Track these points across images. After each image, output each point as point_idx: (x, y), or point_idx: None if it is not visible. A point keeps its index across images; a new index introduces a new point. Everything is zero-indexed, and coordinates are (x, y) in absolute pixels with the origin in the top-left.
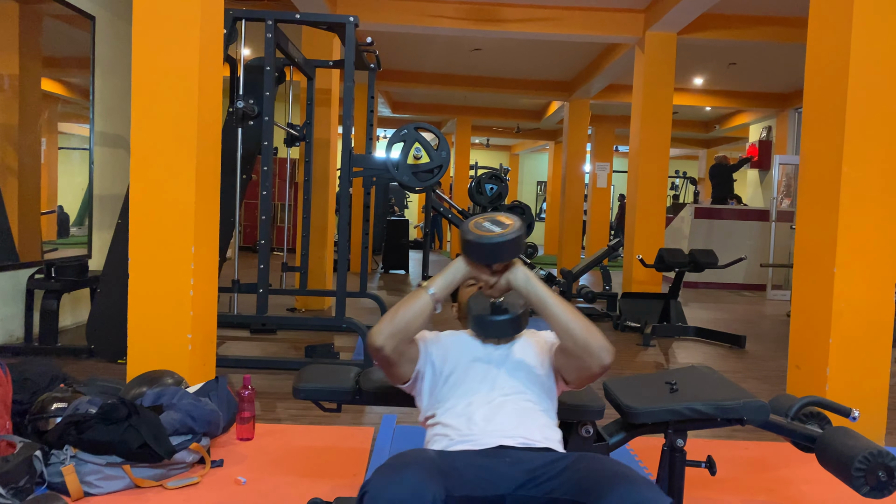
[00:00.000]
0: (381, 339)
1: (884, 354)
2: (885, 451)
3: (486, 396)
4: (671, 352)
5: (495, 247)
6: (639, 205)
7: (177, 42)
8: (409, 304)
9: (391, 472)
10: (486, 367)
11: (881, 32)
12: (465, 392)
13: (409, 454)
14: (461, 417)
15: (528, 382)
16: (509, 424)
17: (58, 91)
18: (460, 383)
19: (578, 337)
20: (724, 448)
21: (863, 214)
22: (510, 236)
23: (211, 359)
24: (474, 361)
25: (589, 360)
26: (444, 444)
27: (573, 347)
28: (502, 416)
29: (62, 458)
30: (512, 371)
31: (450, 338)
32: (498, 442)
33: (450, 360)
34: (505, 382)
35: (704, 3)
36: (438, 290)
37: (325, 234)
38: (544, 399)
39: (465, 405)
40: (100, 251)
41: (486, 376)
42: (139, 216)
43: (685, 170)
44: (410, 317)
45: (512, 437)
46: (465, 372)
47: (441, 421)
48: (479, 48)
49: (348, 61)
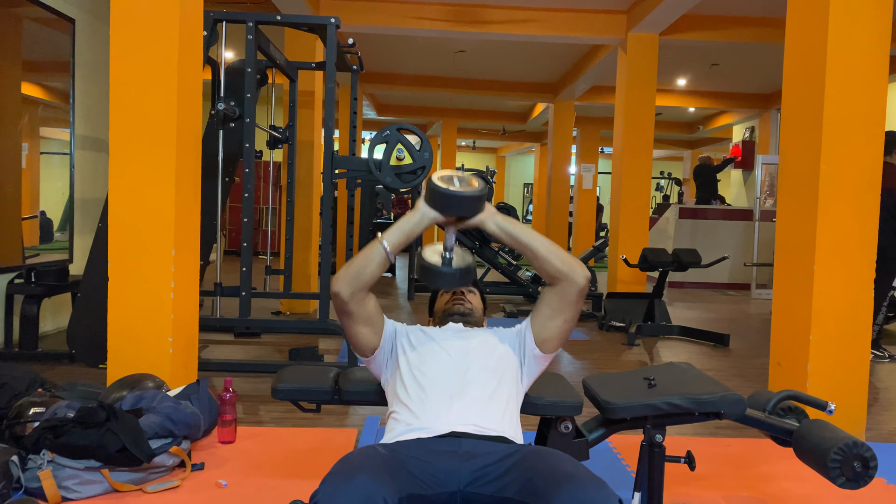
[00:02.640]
0: (337, 285)
1: (863, 351)
2: (859, 442)
3: (447, 381)
4: (656, 351)
5: (462, 199)
6: (623, 205)
7: (155, 44)
8: (364, 252)
9: (341, 478)
10: (450, 353)
11: (857, 33)
12: (427, 375)
13: (356, 457)
14: (420, 402)
15: (492, 370)
16: (467, 411)
17: (38, 95)
18: (423, 365)
19: (559, 260)
20: (704, 445)
21: (841, 212)
22: (476, 193)
23: (192, 362)
24: (440, 347)
25: (570, 284)
26: (401, 429)
27: (557, 271)
28: (460, 403)
29: (39, 463)
30: (476, 358)
31: (419, 328)
32: (451, 428)
33: (416, 344)
34: (468, 369)
35: (686, 4)
36: (391, 241)
37: (310, 237)
38: (507, 388)
39: (425, 388)
40: (81, 255)
41: (449, 361)
42: (118, 219)
43: (670, 171)
44: (363, 263)
45: (465, 424)
46: (430, 355)
47: (402, 402)
48: (463, 50)
49: (329, 63)
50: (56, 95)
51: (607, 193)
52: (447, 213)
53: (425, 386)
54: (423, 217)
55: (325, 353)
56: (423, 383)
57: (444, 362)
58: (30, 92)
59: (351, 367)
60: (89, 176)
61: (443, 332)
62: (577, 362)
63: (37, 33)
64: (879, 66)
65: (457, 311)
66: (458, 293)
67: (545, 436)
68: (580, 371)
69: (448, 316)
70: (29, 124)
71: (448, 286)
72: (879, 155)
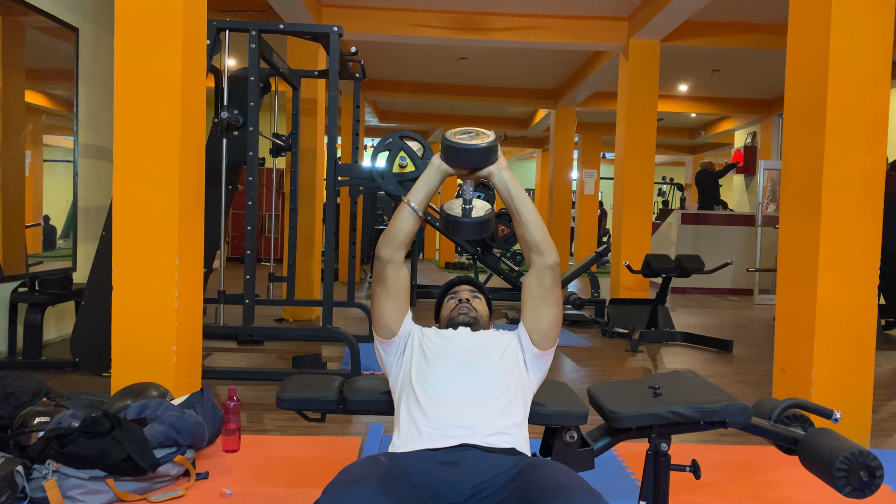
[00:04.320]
0: (380, 249)
1: (867, 357)
2: (865, 452)
3: (458, 384)
4: (659, 357)
5: (474, 152)
6: (625, 211)
7: (159, 53)
8: (395, 216)
9: (341, 489)
10: (461, 358)
11: (859, 38)
12: (438, 376)
13: (357, 467)
14: (431, 403)
15: (503, 374)
16: (477, 417)
17: (42, 103)
18: (434, 365)
19: (539, 233)
20: (709, 452)
21: (844, 218)
22: (485, 145)
23: (196, 370)
24: (452, 351)
25: (541, 258)
26: (411, 433)
27: (532, 240)
28: (470, 408)
29: (44, 473)
30: (489, 363)
31: (434, 331)
32: (459, 434)
33: (428, 351)
34: (480, 375)
35: (687, 11)
36: (415, 199)
37: (313, 244)
38: (519, 393)
39: (436, 389)
40: (85, 263)
41: (460, 367)
42: (123, 228)
43: (672, 176)
44: (397, 224)
45: (476, 435)
46: (442, 361)
47: (414, 405)
48: (464, 57)
49: (332, 71)
50: (60, 104)
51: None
52: (462, 165)
53: (437, 391)
54: (437, 170)
55: (328, 360)
56: (434, 387)
57: (455, 369)
58: (33, 100)
59: (355, 375)
60: (93, 184)
61: (455, 335)
62: (581, 369)
63: (41, 42)
64: (881, 71)
65: (461, 322)
66: (464, 300)
67: (550, 445)
68: (584, 378)
69: (454, 325)
70: (32, 132)
71: (469, 236)
72: (882, 160)
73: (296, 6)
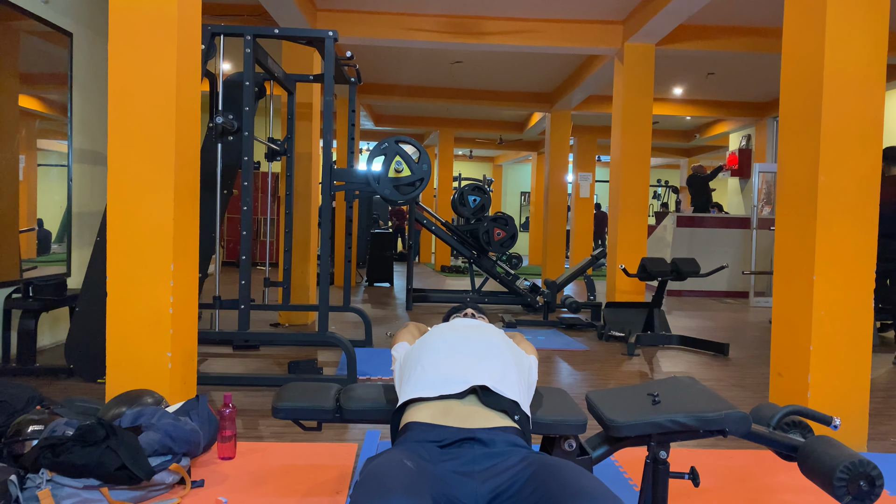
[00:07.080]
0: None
1: (864, 361)
2: (866, 461)
3: (461, 345)
4: (655, 361)
5: None
6: (621, 214)
7: (153, 57)
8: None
9: (375, 498)
10: (464, 330)
11: (854, 41)
12: (444, 339)
13: (381, 469)
14: (437, 357)
15: (506, 344)
16: (481, 368)
17: (36, 108)
18: (437, 337)
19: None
20: (707, 457)
21: (840, 222)
22: None
23: (191, 377)
24: (453, 325)
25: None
26: (427, 380)
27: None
28: (473, 360)
29: (38, 482)
30: (490, 336)
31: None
32: (466, 378)
33: (433, 329)
34: (483, 339)
35: (682, 15)
36: None
37: (308, 249)
38: (517, 364)
39: (440, 352)
40: (79, 269)
41: (466, 334)
42: (117, 233)
43: (667, 178)
44: None
45: (484, 378)
46: (444, 330)
47: (420, 363)
48: (460, 61)
49: (328, 76)
50: (54, 108)
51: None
52: None
53: (441, 354)
54: None
55: (324, 365)
56: (438, 349)
57: (457, 337)
58: (27, 104)
59: (351, 381)
60: (87, 189)
61: (455, 320)
62: (578, 373)
63: (35, 46)
64: (877, 74)
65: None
66: (469, 314)
67: (549, 453)
68: (580, 382)
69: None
70: (27, 136)
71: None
72: (878, 163)
73: (291, 10)
